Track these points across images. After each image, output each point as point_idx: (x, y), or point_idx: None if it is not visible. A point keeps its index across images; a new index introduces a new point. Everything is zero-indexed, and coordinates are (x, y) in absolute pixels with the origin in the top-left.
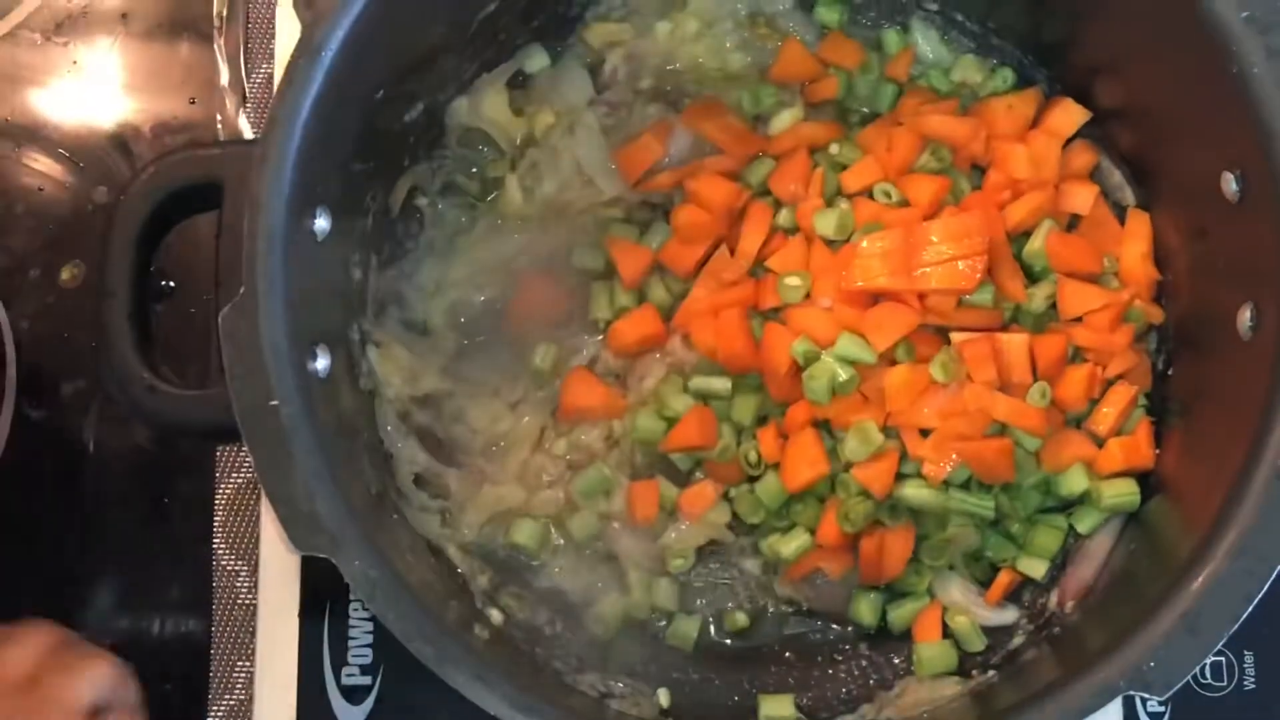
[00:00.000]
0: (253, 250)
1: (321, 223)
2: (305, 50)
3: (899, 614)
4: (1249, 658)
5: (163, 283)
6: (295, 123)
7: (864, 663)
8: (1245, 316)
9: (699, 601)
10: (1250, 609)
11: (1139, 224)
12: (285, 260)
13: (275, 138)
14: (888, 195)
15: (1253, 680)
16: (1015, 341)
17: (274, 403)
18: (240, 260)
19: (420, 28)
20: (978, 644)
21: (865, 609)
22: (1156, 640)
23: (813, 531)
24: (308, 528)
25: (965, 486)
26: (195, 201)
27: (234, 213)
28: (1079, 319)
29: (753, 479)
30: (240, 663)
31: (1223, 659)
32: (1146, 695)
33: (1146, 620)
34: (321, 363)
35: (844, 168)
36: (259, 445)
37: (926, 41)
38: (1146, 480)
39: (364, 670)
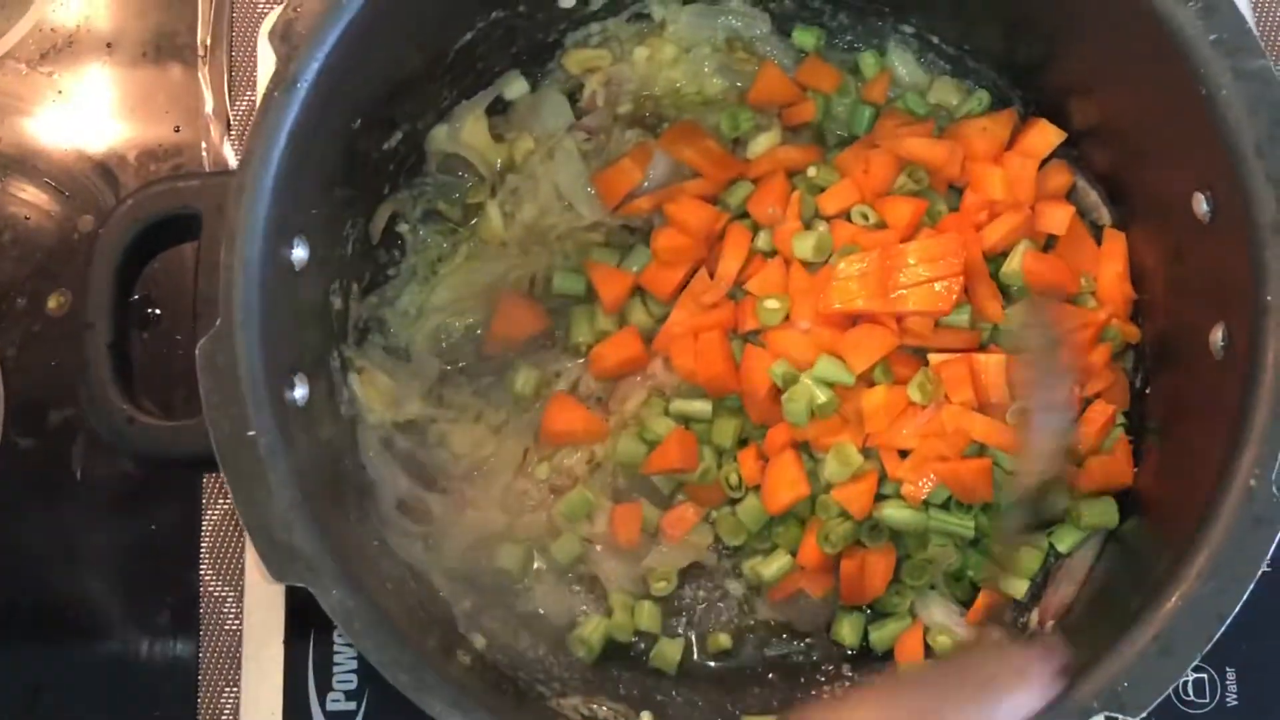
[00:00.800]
0: (229, 282)
1: (300, 252)
2: (280, 82)
3: (881, 634)
4: (1230, 674)
5: (148, 310)
6: (271, 155)
7: (847, 683)
8: (1218, 336)
9: (681, 623)
10: (1223, 629)
11: (1115, 244)
12: (262, 291)
13: (251, 170)
14: (865, 217)
15: (1235, 697)
16: (993, 362)
17: (251, 434)
18: (218, 291)
19: (397, 57)
20: None
21: (847, 630)
22: (1130, 660)
23: (794, 553)
24: (285, 558)
25: (945, 507)
26: (174, 233)
27: (212, 244)
28: None
29: (734, 501)
30: (228, 689)
31: (1205, 675)
32: (1121, 716)
33: (1120, 640)
34: (300, 391)
35: (821, 190)
36: (236, 476)
37: (903, 64)
38: (1125, 498)
39: (349, 696)
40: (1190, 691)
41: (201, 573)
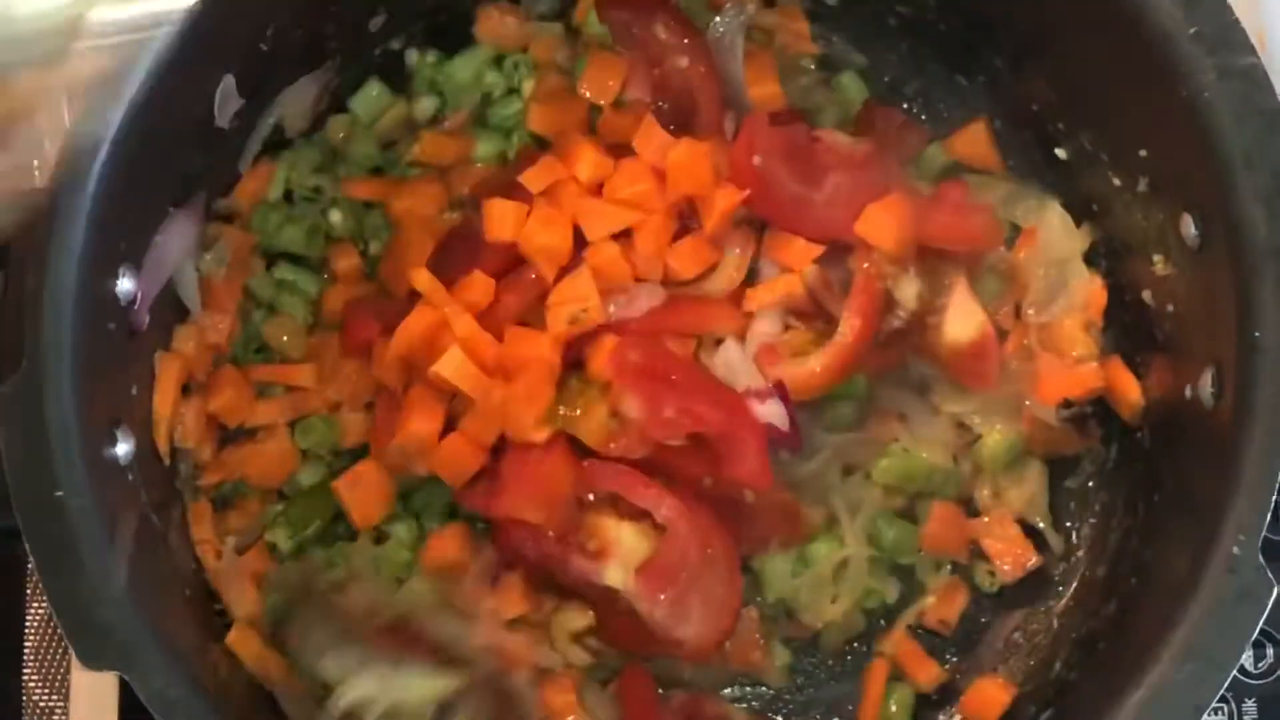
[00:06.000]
0: (36, 319)
1: (126, 284)
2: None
3: None
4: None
5: None
6: (90, 167)
7: None
8: (1207, 382)
9: None
10: None
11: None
12: (78, 329)
13: (65, 187)
14: None
15: None
16: None
17: (59, 494)
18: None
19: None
20: None
21: None
22: None
23: None
24: (97, 640)
25: None
26: None
27: (20, 274)
28: None
29: None
30: None
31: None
32: None
33: None
34: (123, 447)
35: None
36: (40, 544)
37: None
38: None
39: None
40: None
41: (25, 679)
